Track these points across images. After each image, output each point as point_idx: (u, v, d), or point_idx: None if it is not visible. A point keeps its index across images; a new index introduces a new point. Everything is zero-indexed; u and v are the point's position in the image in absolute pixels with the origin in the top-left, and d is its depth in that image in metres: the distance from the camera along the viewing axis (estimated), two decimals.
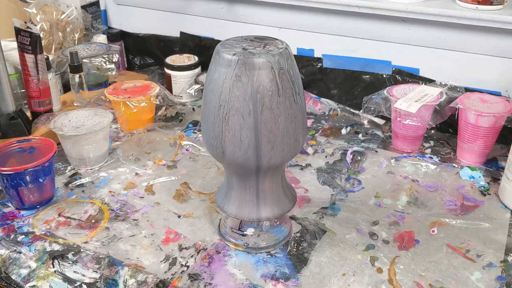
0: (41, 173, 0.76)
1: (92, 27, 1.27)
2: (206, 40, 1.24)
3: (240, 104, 0.57)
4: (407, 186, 0.84)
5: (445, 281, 0.64)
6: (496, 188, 0.82)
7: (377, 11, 0.98)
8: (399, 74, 1.04)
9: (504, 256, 0.68)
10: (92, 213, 0.77)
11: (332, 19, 1.05)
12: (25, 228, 0.74)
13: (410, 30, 0.99)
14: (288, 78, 0.58)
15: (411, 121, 0.89)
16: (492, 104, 0.87)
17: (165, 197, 0.81)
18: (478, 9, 0.89)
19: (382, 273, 0.65)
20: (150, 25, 1.32)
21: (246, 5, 1.15)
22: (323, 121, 1.06)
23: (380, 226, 0.74)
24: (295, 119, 0.60)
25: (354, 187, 0.83)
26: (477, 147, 0.87)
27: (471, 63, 0.97)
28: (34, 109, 0.95)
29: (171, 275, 0.65)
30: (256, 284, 0.64)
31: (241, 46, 0.60)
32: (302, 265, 0.67)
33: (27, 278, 0.65)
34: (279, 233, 0.71)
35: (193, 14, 1.24)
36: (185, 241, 0.72)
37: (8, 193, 0.77)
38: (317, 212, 0.77)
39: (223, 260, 0.68)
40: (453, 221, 0.75)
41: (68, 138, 0.86)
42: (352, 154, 0.93)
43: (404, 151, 0.94)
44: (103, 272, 0.66)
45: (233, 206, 0.67)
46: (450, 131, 0.99)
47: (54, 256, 0.68)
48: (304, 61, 1.11)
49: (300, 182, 0.85)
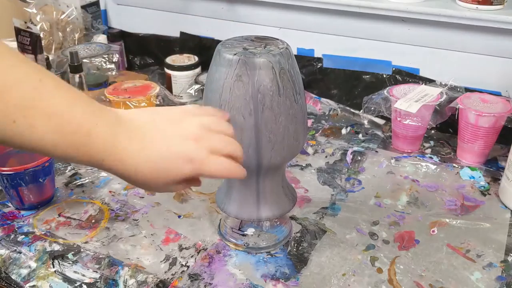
0: (41, 173, 0.76)
1: (92, 27, 1.27)
2: (206, 40, 1.24)
3: (240, 104, 0.57)
4: (407, 186, 0.84)
5: (445, 281, 0.64)
6: (496, 188, 0.82)
7: (377, 11, 0.98)
8: (399, 74, 1.03)
9: (504, 256, 0.68)
10: (92, 213, 0.77)
11: (332, 19, 1.05)
12: (25, 228, 0.74)
13: (410, 30, 0.99)
14: (289, 78, 0.58)
15: (411, 121, 0.89)
16: (492, 104, 0.87)
17: (165, 197, 0.81)
18: (478, 9, 0.89)
19: (382, 273, 0.65)
20: (150, 25, 1.32)
21: (246, 5, 1.15)
22: (323, 121, 1.06)
23: (380, 226, 0.74)
24: (296, 119, 0.60)
25: (354, 187, 0.83)
26: (477, 147, 0.87)
27: (471, 63, 0.97)
28: None
29: (171, 275, 0.65)
30: (256, 284, 0.64)
31: (241, 46, 0.60)
32: (302, 265, 0.67)
33: (27, 278, 0.65)
34: (279, 233, 0.71)
35: (193, 14, 1.24)
36: (185, 241, 0.71)
37: (8, 193, 0.77)
38: (317, 212, 0.77)
39: (223, 260, 0.68)
40: (453, 221, 0.75)
41: None
42: (352, 154, 0.93)
43: (404, 151, 0.94)
44: (103, 272, 0.66)
45: (233, 206, 0.67)
46: (450, 131, 0.99)
47: (54, 256, 0.68)
48: (304, 61, 1.11)
49: (300, 182, 0.85)
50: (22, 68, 0.41)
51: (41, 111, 0.40)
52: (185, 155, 0.46)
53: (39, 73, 0.42)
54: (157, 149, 0.45)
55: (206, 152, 0.47)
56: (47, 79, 0.42)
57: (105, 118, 0.44)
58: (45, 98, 0.41)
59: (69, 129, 0.42)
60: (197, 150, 0.46)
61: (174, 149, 0.46)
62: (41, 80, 0.41)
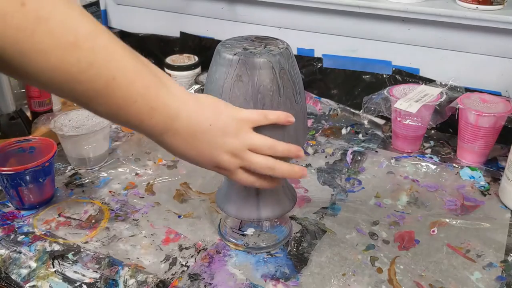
0: (41, 173, 0.76)
1: None
2: (206, 40, 1.24)
3: (240, 104, 0.57)
4: (407, 186, 0.84)
5: (445, 281, 0.64)
6: (496, 188, 0.82)
7: (377, 11, 0.98)
8: (399, 74, 1.04)
9: (504, 256, 0.68)
10: (92, 213, 0.77)
11: (332, 19, 1.05)
12: (25, 228, 0.74)
13: (410, 30, 0.99)
14: (289, 78, 0.58)
15: (411, 121, 0.89)
16: (492, 104, 0.87)
17: (165, 197, 0.81)
18: (478, 9, 0.89)
19: (382, 273, 0.65)
20: (150, 25, 1.32)
21: (246, 5, 1.15)
22: (323, 121, 1.06)
23: (380, 226, 0.74)
24: (296, 119, 0.60)
25: (354, 187, 0.83)
26: (477, 147, 0.87)
27: (471, 63, 0.97)
28: (34, 109, 0.95)
29: (171, 275, 0.65)
30: (256, 284, 0.64)
31: (241, 46, 0.60)
32: (302, 265, 0.67)
33: (27, 278, 0.65)
34: (279, 233, 0.71)
35: (193, 14, 1.24)
36: (185, 241, 0.71)
37: (8, 193, 0.77)
38: (317, 212, 0.77)
39: (223, 260, 0.68)
40: (453, 221, 0.75)
41: (68, 138, 0.85)
42: (352, 154, 0.93)
43: (404, 151, 0.94)
44: (103, 272, 0.66)
45: (233, 206, 0.67)
46: (450, 131, 0.99)
47: (54, 256, 0.68)
48: (304, 61, 1.11)
49: (300, 182, 0.85)
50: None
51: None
52: (217, 163, 0.55)
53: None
54: (198, 150, 0.53)
55: (236, 167, 0.55)
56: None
57: (166, 112, 0.50)
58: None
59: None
60: (229, 164, 0.54)
61: (212, 156, 0.54)
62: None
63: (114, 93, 0.45)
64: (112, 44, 0.45)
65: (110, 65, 0.44)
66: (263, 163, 0.55)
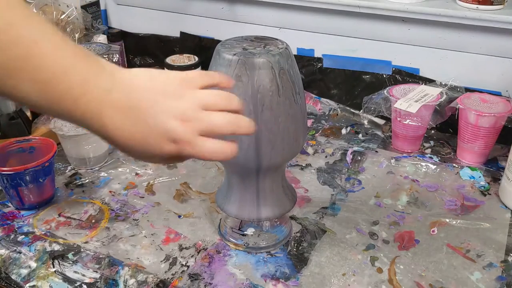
0: (41, 173, 0.76)
1: (92, 27, 1.27)
2: (206, 40, 1.24)
3: None
4: (407, 186, 0.84)
5: (445, 281, 0.64)
6: (496, 188, 0.82)
7: (377, 11, 0.98)
8: (399, 74, 1.03)
9: (505, 256, 0.68)
10: (92, 213, 0.77)
11: (332, 19, 1.05)
12: (25, 228, 0.74)
13: (410, 30, 0.99)
14: (288, 78, 0.58)
15: (411, 121, 0.89)
16: (492, 104, 0.87)
17: (165, 197, 0.81)
18: (478, 9, 0.89)
19: (382, 273, 0.65)
20: (150, 25, 1.32)
21: (246, 5, 1.15)
22: (323, 121, 1.06)
23: (380, 226, 0.74)
24: (296, 119, 0.60)
25: (354, 187, 0.83)
26: (477, 147, 0.87)
27: (471, 63, 0.97)
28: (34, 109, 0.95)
29: (171, 275, 0.65)
30: (256, 284, 0.64)
31: (241, 46, 0.60)
32: (302, 265, 0.67)
33: (27, 278, 0.65)
34: (279, 233, 0.71)
35: (193, 14, 1.24)
36: (185, 241, 0.71)
37: (8, 193, 0.77)
38: (317, 212, 0.77)
39: (223, 260, 0.68)
40: (453, 221, 0.75)
41: (68, 138, 0.85)
42: (352, 154, 0.93)
43: (404, 151, 0.94)
44: (103, 272, 0.66)
45: (233, 206, 0.67)
46: (450, 131, 0.99)
47: (54, 256, 0.68)
48: (304, 61, 1.11)
49: (300, 182, 0.85)
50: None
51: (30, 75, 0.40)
52: (169, 136, 0.45)
53: (39, 32, 0.41)
54: (142, 124, 0.45)
55: (193, 135, 0.45)
56: (46, 40, 0.41)
57: (99, 84, 0.43)
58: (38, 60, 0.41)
59: (57, 94, 0.41)
60: (183, 132, 0.45)
61: (159, 127, 0.45)
62: (36, 42, 0.40)
63: (38, 62, 0.40)
64: (34, 15, 0.41)
65: (31, 28, 0.40)
66: (225, 119, 0.47)
